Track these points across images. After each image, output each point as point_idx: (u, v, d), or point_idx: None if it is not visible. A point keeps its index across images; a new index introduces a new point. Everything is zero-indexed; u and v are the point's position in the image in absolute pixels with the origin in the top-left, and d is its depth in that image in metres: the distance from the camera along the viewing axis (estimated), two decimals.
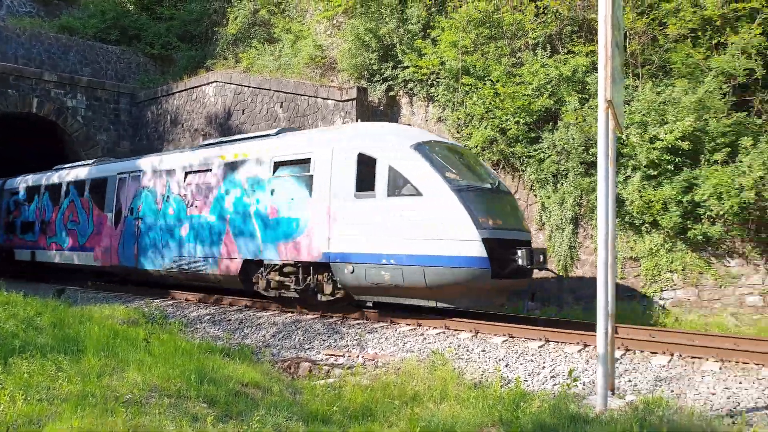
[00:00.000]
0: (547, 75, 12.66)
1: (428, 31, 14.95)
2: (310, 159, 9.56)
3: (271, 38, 19.11)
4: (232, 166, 10.82)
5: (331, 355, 8.01)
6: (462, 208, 7.87)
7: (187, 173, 11.83)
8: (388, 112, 14.77)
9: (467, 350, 7.54)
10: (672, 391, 5.84)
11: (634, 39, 12.92)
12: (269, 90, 16.16)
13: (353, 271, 8.70)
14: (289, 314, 10.16)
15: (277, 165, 10.09)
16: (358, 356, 7.82)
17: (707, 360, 6.51)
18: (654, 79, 12.28)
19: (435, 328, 8.57)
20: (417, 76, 14.44)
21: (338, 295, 9.32)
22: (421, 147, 8.66)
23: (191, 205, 11.46)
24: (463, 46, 13.91)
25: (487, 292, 8.42)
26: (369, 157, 8.82)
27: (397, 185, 8.39)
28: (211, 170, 11.25)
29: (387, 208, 8.40)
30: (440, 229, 7.93)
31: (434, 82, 14.32)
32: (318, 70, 16.81)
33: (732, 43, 11.75)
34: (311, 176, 9.43)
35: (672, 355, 6.76)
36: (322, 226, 9.08)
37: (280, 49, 17.97)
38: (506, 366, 6.96)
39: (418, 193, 8.15)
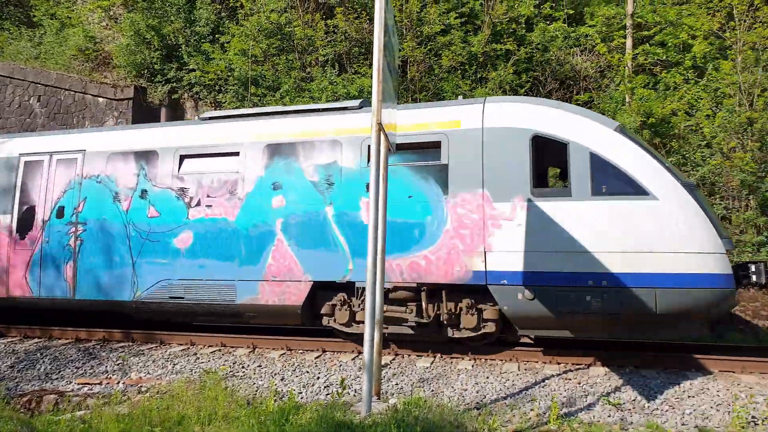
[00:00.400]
0: (335, 92, 13.04)
1: (217, 35, 14.41)
2: (440, 142, 7.17)
3: (31, 22, 16.64)
4: (283, 150, 7.80)
5: (86, 383, 7.03)
6: (701, 212, 6.33)
7: (184, 157, 8.25)
8: (172, 116, 13.81)
9: (243, 367, 7.24)
10: (432, 390, 6.27)
11: (414, 66, 14.01)
12: (24, 80, 13.97)
13: (533, 297, 6.59)
14: (35, 340, 8.72)
15: None
16: (118, 382, 6.98)
17: (464, 359, 7.17)
18: None
19: (210, 346, 8.09)
20: (204, 80, 13.79)
21: (485, 330, 7.07)
22: (624, 131, 6.80)
23: (197, 204, 8.02)
24: (253, 55, 13.68)
25: (709, 318, 6.65)
26: (552, 140, 6.81)
27: (607, 181, 6.57)
28: (238, 154, 8.00)
29: (593, 211, 6.49)
30: (676, 240, 6.27)
31: (222, 89, 13.81)
32: (89, 63, 15.06)
33: (492, 78, 13.42)
34: (444, 166, 7.09)
35: (435, 356, 7.30)
36: (473, 235, 6.85)
37: (41, 36, 15.73)
38: (282, 380, 6.82)
39: (644, 193, 6.41)
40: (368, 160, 7.32)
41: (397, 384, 6.54)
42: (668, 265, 6.23)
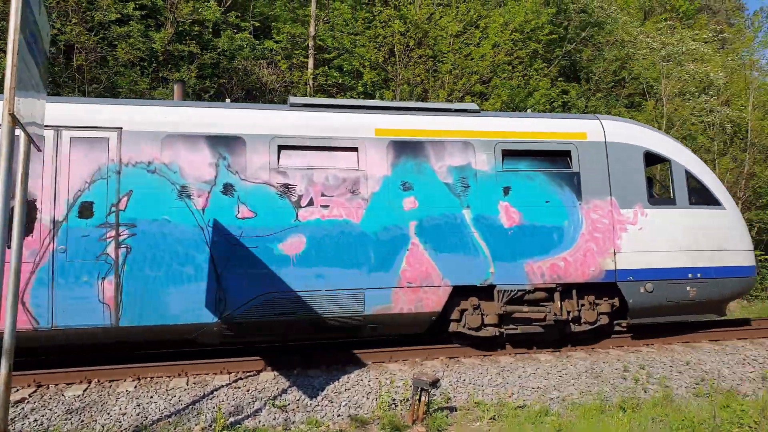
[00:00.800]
0: None
1: None
2: (570, 151, 7.97)
3: None
4: (411, 148, 7.50)
5: None
6: (742, 218, 8.51)
7: (282, 147, 7.17)
8: None
9: None
10: (82, 420, 5.46)
11: (82, 54, 12.41)
12: None
13: (652, 290, 7.93)
14: None
15: (507, 154, 7.77)
16: None
17: (125, 381, 6.46)
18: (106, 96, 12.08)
19: None
20: None
21: (600, 323, 7.99)
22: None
23: (308, 204, 7.09)
24: None
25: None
26: (659, 157, 8.34)
27: (695, 193, 8.26)
28: (356, 149, 7.36)
29: (690, 218, 8.15)
30: (736, 240, 8.26)
31: None
32: None
33: (173, 79, 12.77)
34: (576, 174, 7.92)
35: (90, 382, 6.41)
36: (605, 238, 7.89)
37: None
38: None
39: (718, 204, 8.29)
40: (502, 164, 7.73)
41: (37, 420, 5.52)
42: (733, 260, 8.26)
